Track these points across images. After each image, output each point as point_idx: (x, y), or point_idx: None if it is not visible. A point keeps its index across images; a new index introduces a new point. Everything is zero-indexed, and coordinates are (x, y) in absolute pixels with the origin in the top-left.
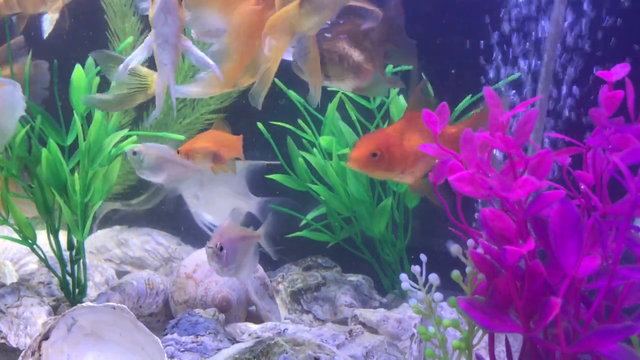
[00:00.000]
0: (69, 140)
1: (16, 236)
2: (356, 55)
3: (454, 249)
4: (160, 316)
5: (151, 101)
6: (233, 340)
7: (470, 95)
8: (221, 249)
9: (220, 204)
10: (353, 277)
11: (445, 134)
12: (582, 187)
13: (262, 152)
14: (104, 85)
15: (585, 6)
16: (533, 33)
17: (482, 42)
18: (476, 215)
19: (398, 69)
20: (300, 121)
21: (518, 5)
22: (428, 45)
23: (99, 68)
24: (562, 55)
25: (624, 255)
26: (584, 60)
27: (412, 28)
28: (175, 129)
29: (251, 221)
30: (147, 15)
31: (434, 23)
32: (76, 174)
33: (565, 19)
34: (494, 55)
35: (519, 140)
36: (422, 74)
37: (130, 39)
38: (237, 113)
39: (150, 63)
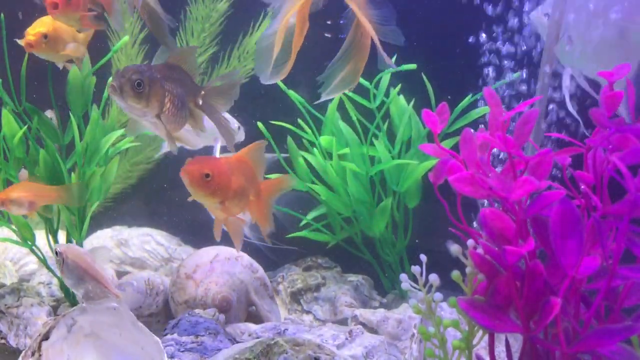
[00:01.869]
0: (66, 140)
1: (15, 237)
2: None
3: (454, 249)
4: (160, 316)
5: None
6: (233, 341)
7: (470, 95)
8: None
9: None
10: (353, 277)
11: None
12: (582, 187)
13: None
14: (100, 85)
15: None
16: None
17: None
18: (473, 213)
19: (398, 68)
20: (300, 121)
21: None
22: (428, 45)
23: (95, 67)
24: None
25: (624, 255)
26: None
27: (412, 28)
28: None
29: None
30: None
31: (432, 23)
32: (73, 174)
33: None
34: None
35: (519, 140)
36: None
37: (126, 37)
38: (237, 113)
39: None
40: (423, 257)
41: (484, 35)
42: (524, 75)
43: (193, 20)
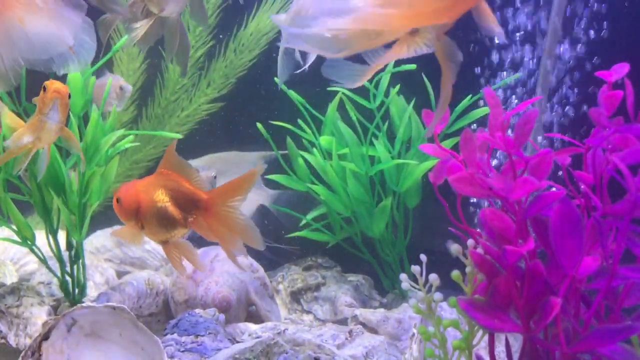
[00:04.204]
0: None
1: (15, 237)
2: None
3: (454, 249)
4: (160, 316)
5: (150, 97)
6: (233, 341)
7: (470, 96)
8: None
9: None
10: (353, 277)
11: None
12: (582, 187)
13: (262, 150)
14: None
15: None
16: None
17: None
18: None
19: (398, 69)
20: (300, 121)
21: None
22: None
23: (95, 67)
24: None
25: (624, 255)
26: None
27: None
28: (174, 122)
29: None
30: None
31: None
32: (73, 174)
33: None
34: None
35: (519, 140)
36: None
37: (126, 37)
38: (235, 113)
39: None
40: (423, 257)
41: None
42: (525, 76)
43: (188, 15)
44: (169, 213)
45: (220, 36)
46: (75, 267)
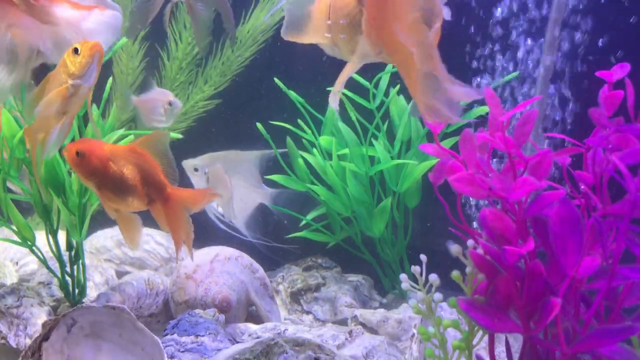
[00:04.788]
0: (66, 141)
1: (15, 237)
2: None
3: (454, 249)
4: (160, 316)
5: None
6: (233, 341)
7: None
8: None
9: (233, 195)
10: (353, 277)
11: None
12: (582, 187)
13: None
14: (100, 85)
15: None
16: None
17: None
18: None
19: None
20: (300, 121)
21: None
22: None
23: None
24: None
25: (624, 255)
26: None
27: None
28: None
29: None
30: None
31: None
32: (73, 174)
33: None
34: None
35: (519, 140)
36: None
37: (124, 39)
38: (236, 112)
39: None
40: (423, 257)
41: (484, 35)
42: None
43: (185, 12)
44: (128, 180)
45: (225, 25)
46: (75, 267)
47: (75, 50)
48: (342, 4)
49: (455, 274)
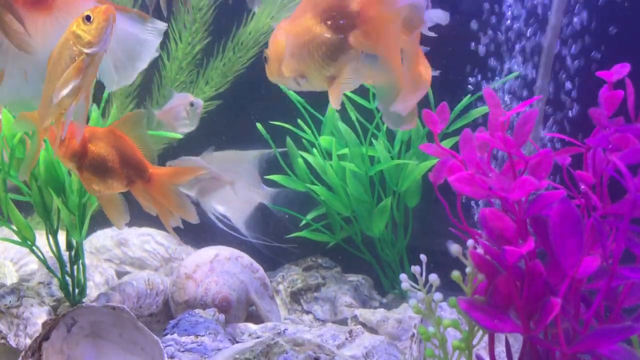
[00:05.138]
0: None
1: (15, 237)
2: None
3: (454, 249)
4: (160, 316)
5: (147, 95)
6: (233, 341)
7: (469, 95)
8: None
9: (232, 195)
10: (353, 277)
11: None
12: (582, 187)
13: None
14: (100, 85)
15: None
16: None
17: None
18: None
19: None
20: (300, 121)
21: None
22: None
23: None
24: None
25: (624, 255)
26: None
27: None
28: None
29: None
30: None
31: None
32: (73, 174)
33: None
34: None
35: (519, 140)
36: None
37: None
38: (237, 113)
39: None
40: (423, 257)
41: (484, 35)
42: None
43: (184, 12)
44: (107, 162)
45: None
46: (75, 267)
47: (87, 18)
48: (320, 40)
49: (455, 274)
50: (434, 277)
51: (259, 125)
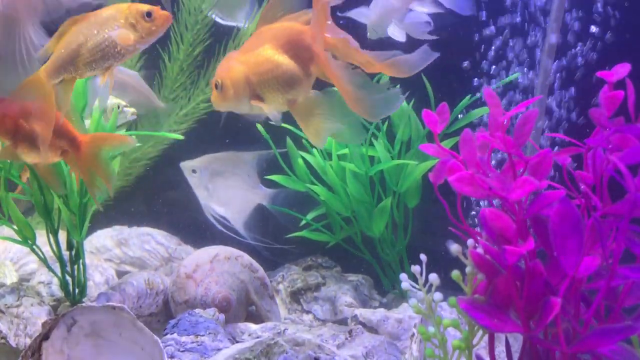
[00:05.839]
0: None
1: (16, 236)
2: None
3: (454, 249)
4: (160, 316)
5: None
6: (233, 340)
7: (470, 96)
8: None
9: (231, 195)
10: (353, 277)
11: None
12: (582, 187)
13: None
14: None
15: None
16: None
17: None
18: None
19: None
20: None
21: None
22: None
23: None
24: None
25: (624, 255)
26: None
27: None
28: (172, 120)
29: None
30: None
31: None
32: (74, 174)
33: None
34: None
35: (519, 140)
36: None
37: None
38: (235, 113)
39: None
40: (423, 257)
41: (484, 35)
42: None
43: (186, 13)
44: (33, 135)
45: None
46: (75, 267)
47: (148, 15)
48: (288, 75)
49: (455, 274)
50: (433, 277)
51: (258, 125)
